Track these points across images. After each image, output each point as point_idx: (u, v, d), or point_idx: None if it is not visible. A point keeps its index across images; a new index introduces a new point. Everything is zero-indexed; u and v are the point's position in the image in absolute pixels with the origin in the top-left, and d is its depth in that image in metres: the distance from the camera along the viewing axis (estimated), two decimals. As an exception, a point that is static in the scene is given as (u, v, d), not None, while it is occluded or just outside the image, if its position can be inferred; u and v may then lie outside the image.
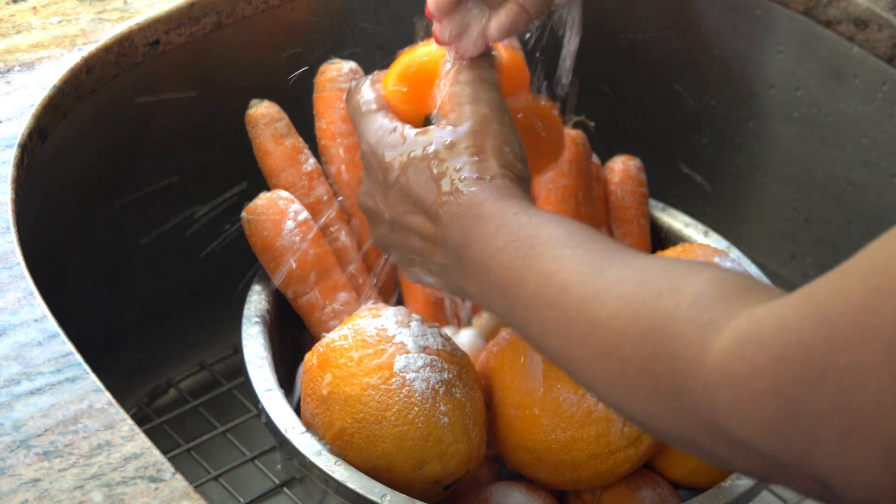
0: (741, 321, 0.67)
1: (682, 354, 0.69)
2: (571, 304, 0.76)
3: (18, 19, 1.10)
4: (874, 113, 1.24)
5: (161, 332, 1.23)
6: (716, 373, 0.67)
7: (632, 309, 0.72)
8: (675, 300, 0.71)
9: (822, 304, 0.63)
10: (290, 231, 1.05)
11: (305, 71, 1.13)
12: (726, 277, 0.71)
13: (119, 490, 0.76)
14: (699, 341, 0.68)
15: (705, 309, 0.69)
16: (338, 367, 0.94)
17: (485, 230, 0.83)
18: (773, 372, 0.64)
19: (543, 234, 0.80)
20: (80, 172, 1.10)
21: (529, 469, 0.98)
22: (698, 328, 0.69)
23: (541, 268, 0.79)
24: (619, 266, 0.75)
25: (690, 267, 0.73)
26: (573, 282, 0.76)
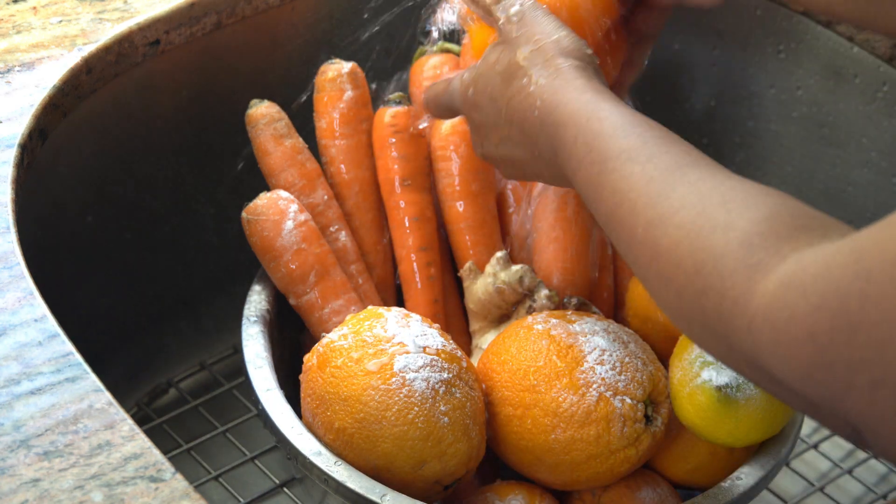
0: (788, 265, 0.68)
1: (729, 294, 0.71)
2: (639, 226, 0.78)
3: (18, 19, 1.10)
4: (874, 113, 1.24)
5: (161, 332, 1.23)
6: (759, 315, 0.68)
7: (688, 241, 0.74)
8: (727, 237, 0.72)
9: (862, 254, 0.64)
10: (290, 231, 1.05)
11: (305, 71, 1.13)
12: (782, 214, 0.72)
13: (119, 490, 0.76)
14: (746, 282, 0.70)
15: (755, 249, 0.70)
16: (338, 367, 0.94)
17: (565, 138, 0.85)
18: (811, 320, 0.65)
19: (615, 146, 0.81)
20: (80, 172, 1.10)
21: (529, 469, 0.98)
22: (746, 269, 0.70)
23: (613, 185, 0.80)
24: (684, 188, 0.76)
25: (750, 197, 0.74)
26: (641, 203, 0.78)
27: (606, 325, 0.99)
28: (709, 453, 1.01)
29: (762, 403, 0.94)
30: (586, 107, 0.85)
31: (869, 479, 1.23)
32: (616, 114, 0.84)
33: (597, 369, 0.95)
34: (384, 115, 1.10)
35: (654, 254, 0.76)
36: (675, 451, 1.01)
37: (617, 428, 0.95)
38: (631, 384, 0.95)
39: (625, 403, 0.95)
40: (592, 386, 0.95)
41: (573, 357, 0.96)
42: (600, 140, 0.82)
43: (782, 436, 1.00)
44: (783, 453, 1.00)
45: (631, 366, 0.96)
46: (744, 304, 0.70)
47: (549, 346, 0.96)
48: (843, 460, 1.24)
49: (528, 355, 0.97)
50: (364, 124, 1.11)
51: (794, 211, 0.73)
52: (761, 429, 0.96)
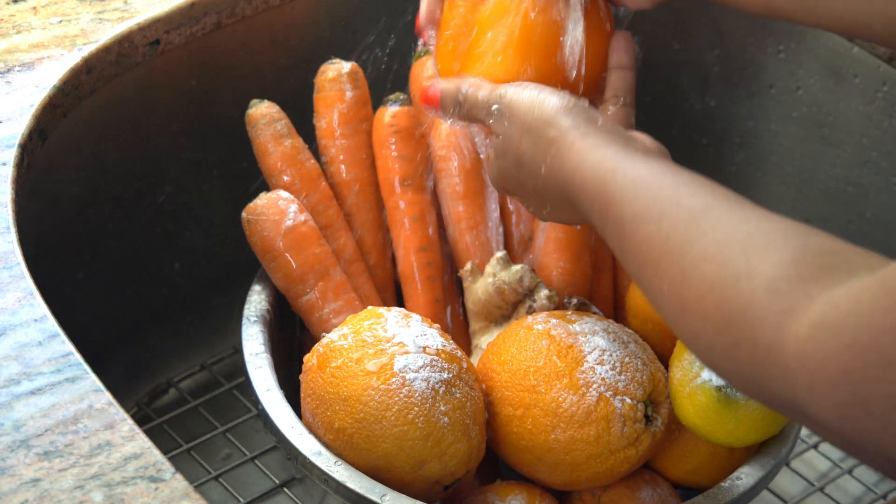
0: (818, 307, 0.68)
1: (761, 342, 0.70)
2: (664, 284, 0.77)
3: (18, 19, 1.10)
4: (874, 113, 1.24)
5: (161, 332, 1.23)
6: (793, 360, 0.68)
7: (713, 295, 0.73)
8: (752, 286, 0.71)
9: (892, 287, 0.64)
10: (289, 231, 1.05)
11: (305, 71, 1.13)
12: (805, 256, 0.71)
13: (119, 490, 0.76)
14: (777, 329, 0.69)
15: (783, 295, 0.70)
16: (338, 367, 0.94)
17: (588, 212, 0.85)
18: (845, 358, 0.65)
19: (627, 211, 0.81)
20: (80, 172, 1.10)
21: (529, 469, 0.98)
22: (776, 316, 0.69)
23: (635, 249, 0.80)
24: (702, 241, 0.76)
25: (771, 240, 0.73)
26: (664, 263, 0.77)
27: (606, 325, 0.99)
28: (709, 453, 1.01)
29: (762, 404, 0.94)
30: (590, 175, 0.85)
31: (869, 479, 1.23)
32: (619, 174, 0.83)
33: (597, 369, 0.95)
34: (384, 115, 1.10)
35: (681, 309, 0.76)
36: (675, 451, 1.01)
37: (617, 428, 0.95)
38: (631, 384, 0.95)
39: (625, 403, 0.95)
40: (592, 386, 0.95)
41: (573, 357, 0.96)
42: (613, 208, 0.82)
43: (782, 436, 1.00)
44: (783, 453, 1.00)
45: (631, 366, 0.96)
46: (777, 351, 0.69)
47: (549, 346, 0.96)
48: (843, 460, 1.24)
49: (528, 355, 0.97)
50: (364, 124, 1.11)
51: (818, 249, 0.72)
52: (761, 429, 0.96)
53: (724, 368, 0.74)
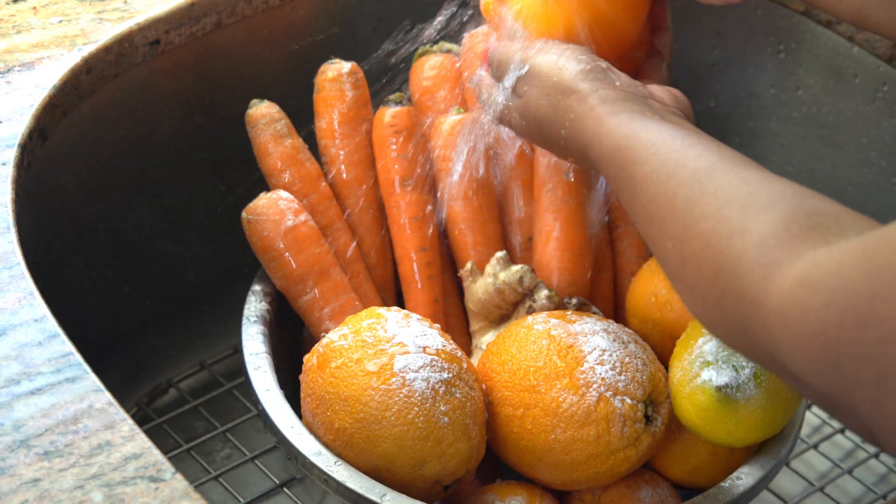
0: (802, 263, 0.69)
1: (746, 294, 0.72)
2: (668, 241, 0.80)
3: (18, 19, 1.10)
4: (874, 113, 1.24)
5: (161, 332, 1.23)
6: (773, 312, 0.70)
7: (709, 249, 0.76)
8: (743, 240, 0.74)
9: (873, 252, 0.65)
10: (289, 231, 1.05)
11: (305, 71, 1.13)
12: (797, 214, 0.73)
13: (119, 490, 0.76)
14: (762, 281, 0.71)
15: (771, 249, 0.72)
16: (338, 367, 0.94)
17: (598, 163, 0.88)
18: (821, 316, 0.66)
19: (638, 173, 0.84)
20: (80, 172, 1.10)
21: (529, 469, 0.98)
22: (762, 269, 0.71)
23: (644, 209, 0.83)
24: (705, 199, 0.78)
25: (767, 198, 0.75)
26: (669, 221, 0.80)
27: (606, 325, 0.99)
28: (709, 453, 1.01)
29: (762, 403, 0.94)
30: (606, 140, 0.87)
31: (869, 479, 1.23)
32: (634, 138, 0.86)
33: (597, 369, 0.95)
34: (384, 115, 1.10)
35: (680, 264, 0.79)
36: (675, 451, 1.01)
37: (617, 428, 0.95)
38: (631, 384, 0.95)
39: (625, 403, 0.95)
40: (592, 386, 0.95)
41: (573, 357, 0.96)
42: (625, 171, 0.85)
43: (782, 436, 1.00)
44: (783, 453, 1.00)
45: (631, 366, 0.96)
46: (760, 303, 0.71)
47: (549, 346, 0.96)
48: (843, 460, 1.24)
49: (528, 355, 0.97)
50: (364, 124, 1.11)
51: (811, 209, 0.74)
52: (761, 429, 0.96)
53: (714, 320, 0.76)
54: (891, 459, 1.24)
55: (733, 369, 0.94)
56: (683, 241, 0.78)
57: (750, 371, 0.94)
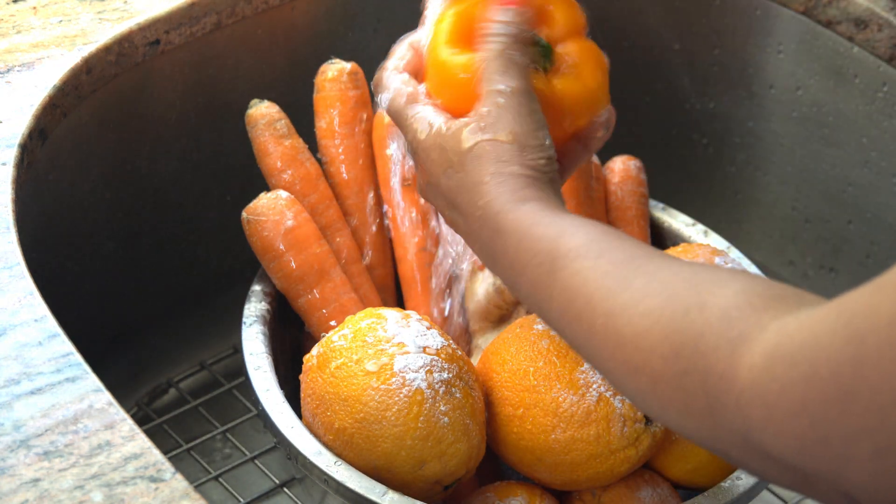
0: (771, 335, 0.66)
1: (713, 370, 0.68)
2: (597, 319, 0.75)
3: (18, 19, 1.10)
4: (874, 113, 1.24)
5: (161, 332, 1.23)
6: (747, 390, 0.66)
7: (660, 326, 0.72)
8: (704, 316, 0.70)
9: (852, 319, 0.62)
10: (290, 231, 1.05)
11: (305, 71, 1.13)
12: (754, 287, 0.70)
13: (119, 490, 0.76)
14: (730, 356, 0.68)
15: (735, 321, 0.68)
16: (338, 367, 0.94)
17: (507, 244, 0.83)
18: (802, 391, 0.63)
19: (563, 246, 0.79)
20: (80, 172, 1.10)
21: (529, 469, 0.98)
22: (729, 343, 0.68)
23: (564, 283, 0.78)
24: (643, 278, 0.74)
25: (716, 278, 0.72)
26: (598, 296, 0.75)
27: (606, 325, 0.98)
28: (709, 453, 1.01)
29: (762, 403, 0.94)
30: (527, 216, 0.82)
31: (869, 479, 1.22)
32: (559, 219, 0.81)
33: (597, 369, 0.95)
34: (384, 115, 1.10)
35: (617, 344, 0.74)
36: (675, 451, 1.01)
37: (617, 428, 0.95)
38: (631, 384, 0.95)
39: (625, 403, 0.95)
40: (592, 386, 0.95)
41: (573, 357, 0.96)
42: (545, 242, 0.80)
43: (782, 436, 1.00)
44: (783, 453, 1.00)
45: (631, 366, 0.96)
46: (730, 380, 0.67)
47: (549, 346, 0.96)
48: (843, 460, 1.24)
49: (528, 355, 0.97)
50: (364, 124, 1.11)
51: (764, 283, 0.71)
52: (761, 429, 0.96)
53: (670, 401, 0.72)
54: (891, 459, 1.24)
55: (733, 369, 0.94)
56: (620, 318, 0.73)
57: (750, 371, 0.94)
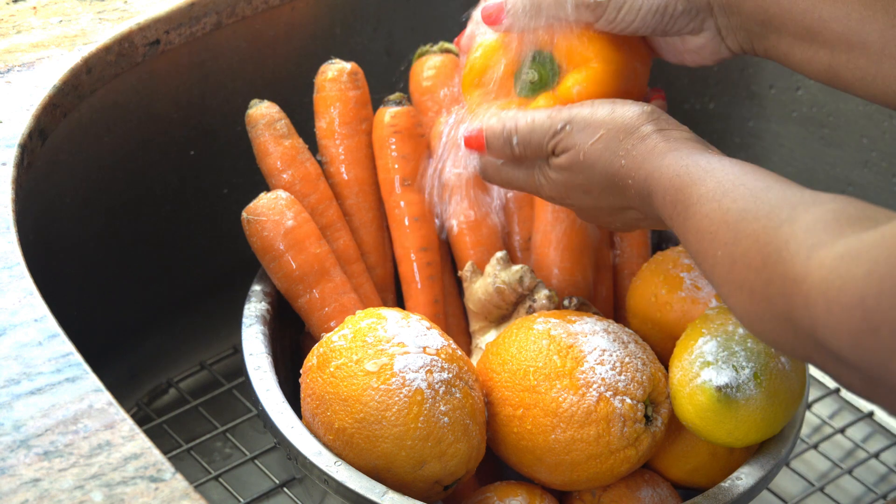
0: (847, 240, 0.70)
1: (789, 273, 0.73)
2: (719, 249, 0.81)
3: (18, 19, 1.10)
4: (874, 113, 1.24)
5: (161, 332, 1.23)
6: (815, 287, 0.70)
7: (757, 243, 0.77)
8: (793, 228, 0.74)
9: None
10: (290, 231, 1.05)
11: (305, 71, 1.13)
12: (846, 207, 0.74)
13: (119, 490, 0.76)
14: (806, 260, 0.72)
15: (817, 233, 0.73)
16: (338, 367, 0.94)
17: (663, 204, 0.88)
18: (861, 284, 0.67)
19: (695, 193, 0.85)
20: (80, 172, 1.10)
21: (529, 469, 0.98)
22: (807, 248, 0.72)
23: (697, 226, 0.83)
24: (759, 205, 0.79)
25: (818, 197, 0.77)
26: (721, 232, 0.81)
27: (606, 325, 0.99)
28: (709, 453, 1.01)
29: (762, 403, 0.94)
30: (669, 169, 0.88)
31: (869, 479, 1.23)
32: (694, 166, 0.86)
33: (597, 369, 0.95)
34: (384, 115, 1.10)
35: (730, 264, 0.79)
36: (675, 451, 1.01)
37: (617, 428, 0.95)
38: (631, 384, 0.95)
39: (625, 403, 0.95)
40: (592, 386, 0.95)
41: (573, 357, 0.96)
42: (681, 193, 0.86)
43: (782, 436, 1.00)
44: (783, 453, 1.00)
45: (631, 366, 0.96)
46: (802, 280, 0.71)
47: (549, 346, 0.96)
48: (843, 460, 1.24)
49: (528, 355, 0.97)
50: (364, 124, 1.11)
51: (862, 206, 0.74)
52: (761, 429, 0.96)
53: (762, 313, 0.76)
54: (891, 459, 1.24)
55: (733, 369, 0.94)
56: (734, 244, 0.79)
57: (750, 371, 0.94)
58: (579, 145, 0.93)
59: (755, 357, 0.95)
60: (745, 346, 0.95)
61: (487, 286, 1.06)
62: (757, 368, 0.94)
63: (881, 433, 1.27)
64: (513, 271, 1.05)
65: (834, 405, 1.29)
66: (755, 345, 0.95)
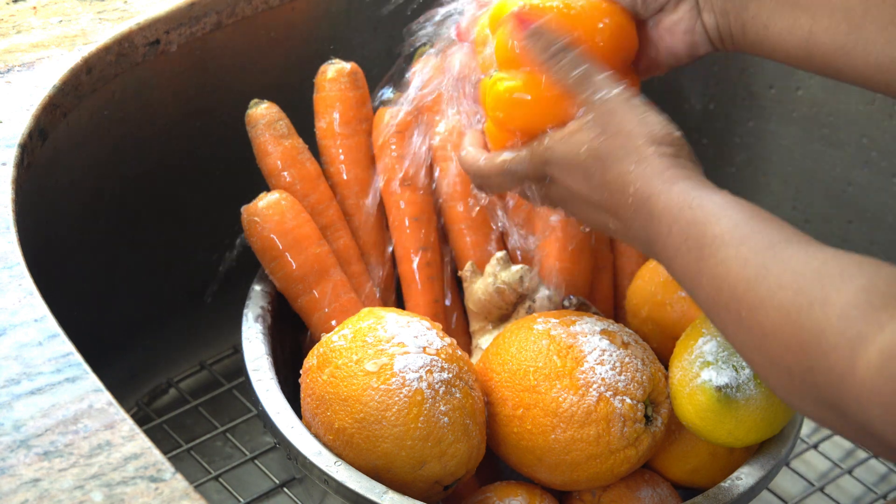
0: (886, 335, 0.70)
1: (834, 369, 0.73)
2: (742, 310, 0.79)
3: (18, 19, 1.10)
4: (874, 113, 1.24)
5: (161, 332, 1.23)
6: (865, 388, 0.71)
7: (790, 322, 0.76)
8: (826, 313, 0.74)
9: None
10: (289, 231, 1.05)
11: (305, 71, 1.13)
12: (876, 284, 0.73)
13: (119, 490, 0.76)
14: (849, 356, 0.72)
15: (854, 321, 0.72)
16: (338, 367, 0.94)
17: (659, 229, 0.85)
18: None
19: (709, 232, 0.82)
20: (80, 172, 1.10)
21: (529, 469, 0.98)
22: (847, 342, 0.72)
23: (711, 271, 0.81)
24: (779, 267, 0.78)
25: (843, 271, 0.75)
26: (741, 288, 0.79)
27: (606, 325, 0.99)
28: (709, 453, 1.01)
29: (762, 403, 0.94)
30: (679, 197, 0.85)
31: (869, 479, 1.23)
32: (708, 200, 0.84)
33: (597, 369, 0.95)
34: (384, 115, 1.10)
35: (760, 338, 0.78)
36: (675, 451, 1.01)
37: (617, 428, 0.95)
38: (631, 384, 0.95)
39: (625, 403, 0.95)
40: (592, 386, 0.95)
41: (573, 357, 0.96)
42: (695, 228, 0.83)
43: (782, 436, 1.00)
44: (783, 453, 1.00)
45: (631, 366, 0.96)
46: (850, 379, 0.72)
47: (549, 346, 0.96)
48: (843, 460, 1.24)
49: (528, 355, 0.97)
50: (364, 124, 1.11)
51: (889, 278, 0.74)
52: (761, 429, 0.96)
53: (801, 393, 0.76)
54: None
55: (733, 369, 0.94)
56: (760, 312, 0.77)
57: (750, 371, 0.94)
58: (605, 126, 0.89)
59: (755, 357, 0.94)
60: (745, 346, 0.95)
61: (487, 286, 1.06)
62: (757, 368, 0.94)
63: (881, 433, 1.27)
64: (513, 271, 1.05)
65: (834, 405, 1.29)
66: (755, 345, 0.95)
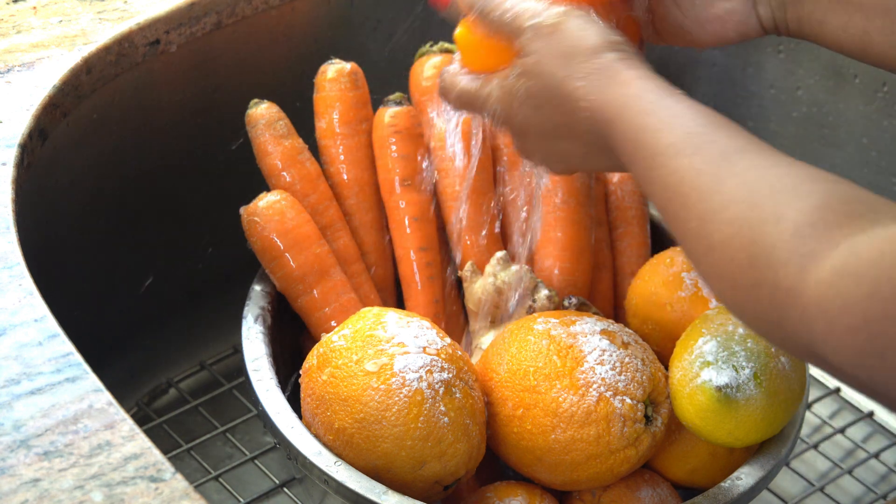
0: (840, 253, 0.69)
1: (782, 284, 0.71)
2: (692, 220, 0.78)
3: (18, 19, 1.10)
4: (874, 113, 1.24)
5: (161, 332, 1.23)
6: (812, 304, 0.69)
7: (740, 236, 0.74)
8: (778, 229, 0.72)
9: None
10: (289, 231, 1.05)
11: (305, 71, 1.13)
12: (832, 201, 0.72)
13: (119, 490, 0.76)
14: (799, 272, 0.70)
15: (807, 239, 0.71)
16: (337, 367, 0.94)
17: (615, 135, 0.84)
18: (864, 307, 0.66)
19: (662, 141, 0.81)
20: (80, 172, 1.10)
21: (529, 469, 0.98)
22: (799, 259, 0.71)
23: (663, 181, 0.80)
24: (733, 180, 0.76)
25: (798, 187, 0.74)
26: (693, 198, 0.78)
27: (606, 325, 0.99)
28: (709, 453, 1.01)
29: (762, 403, 0.94)
30: (632, 102, 0.83)
31: (869, 479, 1.23)
32: (661, 105, 0.82)
33: (597, 369, 0.95)
34: (384, 115, 1.10)
35: (707, 248, 0.77)
36: (675, 451, 1.01)
37: (617, 428, 0.95)
38: (631, 384, 0.95)
39: (625, 403, 0.95)
40: (592, 386, 0.95)
41: (573, 357, 0.96)
42: (646, 135, 0.81)
43: (782, 436, 1.00)
44: (783, 453, 1.00)
45: (631, 366, 0.96)
46: (797, 294, 0.70)
47: (549, 346, 0.96)
48: (843, 460, 1.24)
49: (528, 355, 0.97)
50: (364, 124, 1.11)
51: (844, 196, 0.73)
52: (761, 429, 0.96)
53: (745, 309, 0.75)
54: (891, 459, 1.24)
55: (733, 369, 0.94)
56: (710, 223, 0.76)
57: (750, 371, 0.94)
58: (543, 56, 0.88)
59: (755, 357, 0.95)
60: (745, 346, 0.95)
61: (487, 286, 1.06)
62: (757, 368, 0.94)
63: (881, 433, 1.27)
64: (513, 271, 1.05)
65: (834, 405, 1.29)
66: (755, 345, 0.95)
